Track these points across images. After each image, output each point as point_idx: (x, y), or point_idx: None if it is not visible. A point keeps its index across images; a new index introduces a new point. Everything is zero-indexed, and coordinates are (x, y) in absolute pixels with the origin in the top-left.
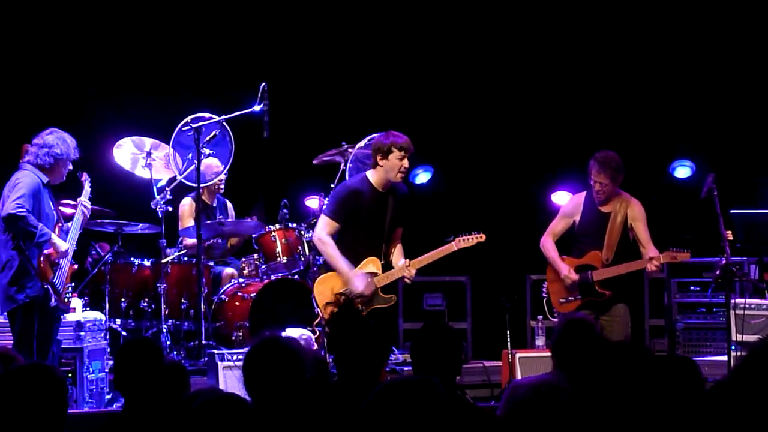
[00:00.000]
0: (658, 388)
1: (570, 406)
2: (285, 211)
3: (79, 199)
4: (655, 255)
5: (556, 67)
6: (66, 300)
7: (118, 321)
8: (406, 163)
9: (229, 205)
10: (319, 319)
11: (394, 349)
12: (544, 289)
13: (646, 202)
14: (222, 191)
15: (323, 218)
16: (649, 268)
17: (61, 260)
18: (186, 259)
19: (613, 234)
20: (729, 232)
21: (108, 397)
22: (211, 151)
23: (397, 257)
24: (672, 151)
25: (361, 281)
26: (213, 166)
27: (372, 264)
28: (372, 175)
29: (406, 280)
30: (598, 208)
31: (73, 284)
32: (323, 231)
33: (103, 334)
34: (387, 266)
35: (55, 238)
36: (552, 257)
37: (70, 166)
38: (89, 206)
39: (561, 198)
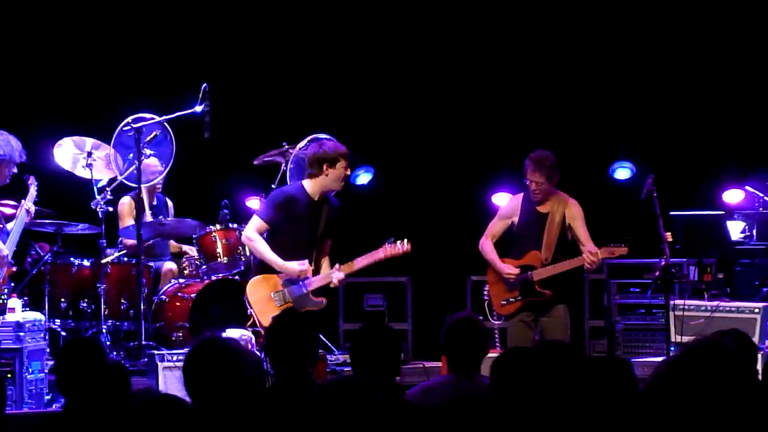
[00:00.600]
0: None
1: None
2: (226, 211)
3: (23, 202)
4: (592, 250)
5: (497, 67)
6: (1, 301)
7: (58, 321)
8: (349, 171)
9: (170, 203)
10: (252, 320)
11: (334, 349)
12: (485, 292)
13: (586, 203)
14: (160, 190)
15: (254, 218)
16: (586, 264)
17: None
18: (126, 259)
19: (552, 234)
20: (668, 233)
21: (47, 397)
22: (152, 152)
23: (326, 268)
24: (612, 153)
25: (296, 265)
26: (152, 166)
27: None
28: (309, 184)
29: (332, 284)
30: (536, 209)
31: (12, 284)
32: (251, 229)
33: (42, 335)
34: (316, 274)
35: None
36: (491, 258)
37: (15, 169)
38: (33, 210)
39: (501, 199)
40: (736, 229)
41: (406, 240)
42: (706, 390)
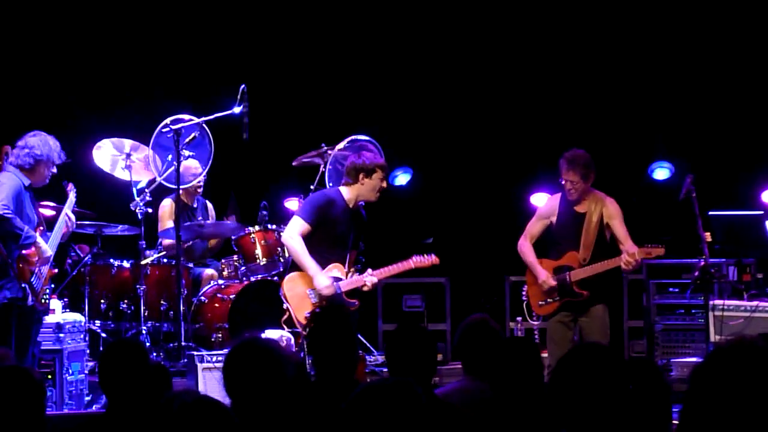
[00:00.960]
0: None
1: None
2: (264, 212)
3: (63, 209)
4: (630, 251)
5: (537, 68)
6: (44, 301)
7: (98, 322)
8: (385, 183)
9: (210, 206)
10: (287, 315)
11: (373, 350)
12: (523, 292)
13: (626, 203)
14: (201, 192)
15: (296, 219)
16: (624, 264)
17: (42, 266)
18: (165, 260)
19: (590, 233)
20: (708, 233)
21: (87, 398)
22: (191, 153)
23: (355, 274)
24: (651, 153)
25: (326, 280)
26: (192, 167)
27: (337, 269)
28: (346, 191)
29: (366, 287)
30: (573, 209)
31: (52, 286)
32: (294, 230)
33: (82, 336)
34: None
35: (40, 241)
36: (530, 261)
37: (54, 170)
38: (74, 219)
39: (540, 199)
40: None
41: (433, 254)
42: (739, 390)
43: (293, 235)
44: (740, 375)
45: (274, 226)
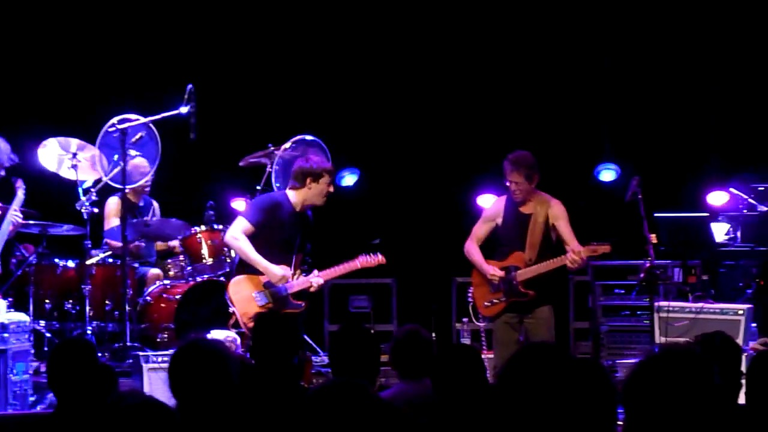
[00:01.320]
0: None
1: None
2: (211, 212)
3: (11, 207)
4: (576, 249)
5: (484, 69)
6: None
7: (43, 323)
8: (332, 188)
9: (155, 204)
10: (233, 319)
11: (319, 350)
12: (469, 294)
13: (572, 205)
14: (148, 192)
15: (240, 219)
16: (569, 263)
17: None
18: (111, 260)
19: (535, 234)
20: (653, 235)
21: (32, 399)
22: (138, 153)
23: (299, 277)
24: (597, 155)
25: (279, 269)
26: (139, 167)
27: (284, 270)
28: (293, 195)
29: (312, 288)
30: (518, 210)
31: None
32: (237, 230)
33: (27, 336)
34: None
35: None
36: (476, 261)
37: (2, 172)
38: (21, 218)
39: (486, 201)
40: (720, 231)
41: (379, 253)
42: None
43: (236, 234)
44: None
45: (220, 226)
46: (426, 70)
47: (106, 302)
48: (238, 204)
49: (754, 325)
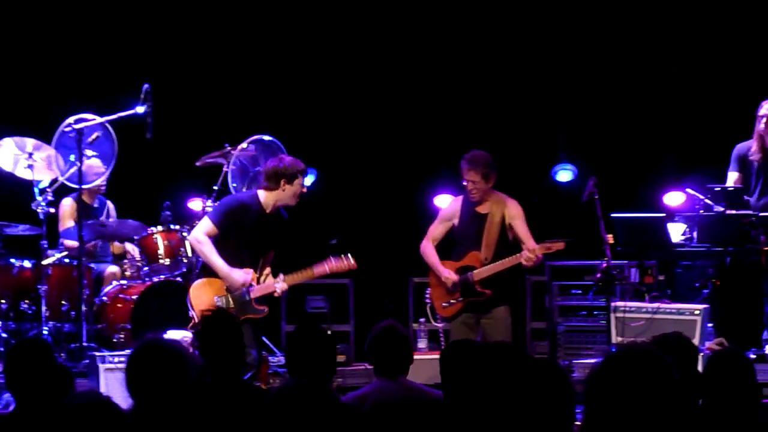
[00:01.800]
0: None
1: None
2: (167, 212)
3: None
4: (531, 247)
5: (437, 68)
6: None
7: None
8: (305, 189)
9: (111, 205)
10: (193, 322)
11: (276, 351)
12: (427, 294)
13: (529, 205)
14: (104, 192)
15: (205, 220)
16: (524, 260)
17: None
18: (67, 260)
19: (491, 233)
20: (610, 235)
21: None
22: (94, 153)
23: (268, 278)
24: (554, 155)
25: (240, 275)
26: (95, 167)
27: (244, 277)
28: (264, 196)
29: (276, 293)
30: (475, 210)
31: None
32: (201, 231)
33: None
34: (258, 282)
35: None
36: (432, 262)
37: None
38: None
39: (443, 201)
40: (676, 232)
41: (350, 255)
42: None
43: (199, 236)
44: (632, 379)
45: (177, 227)
46: (381, 71)
47: (63, 302)
48: (195, 204)
49: (710, 325)
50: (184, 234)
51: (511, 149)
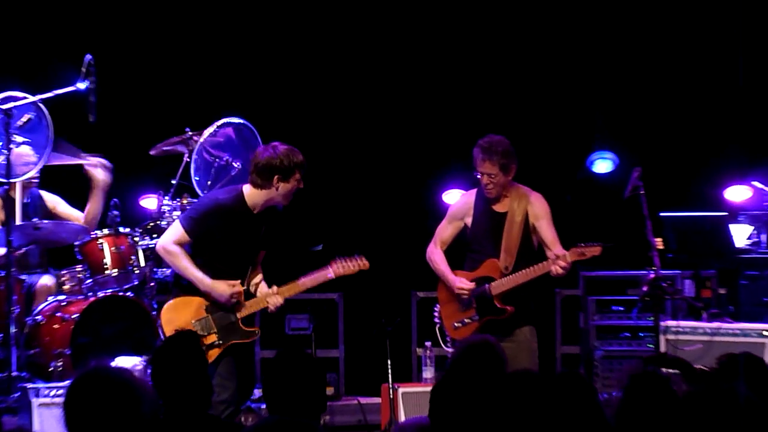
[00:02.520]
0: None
1: None
2: (115, 212)
3: None
4: (559, 253)
5: (449, 39)
6: None
7: None
8: (302, 185)
9: (49, 199)
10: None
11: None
12: (435, 313)
13: (557, 202)
14: (36, 185)
15: (176, 226)
16: (553, 270)
17: None
18: None
19: (512, 237)
20: (659, 239)
21: None
22: (25, 139)
23: (260, 286)
24: (589, 141)
25: (226, 287)
26: (24, 156)
27: (233, 287)
28: (251, 194)
29: (270, 308)
30: (491, 208)
31: None
32: (170, 240)
33: None
34: (248, 294)
35: None
36: (441, 270)
37: None
38: None
39: (453, 197)
40: (741, 234)
41: (360, 255)
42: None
43: (167, 244)
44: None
45: (127, 230)
46: (379, 40)
47: None
48: (149, 202)
49: None
50: (136, 239)
51: (536, 134)
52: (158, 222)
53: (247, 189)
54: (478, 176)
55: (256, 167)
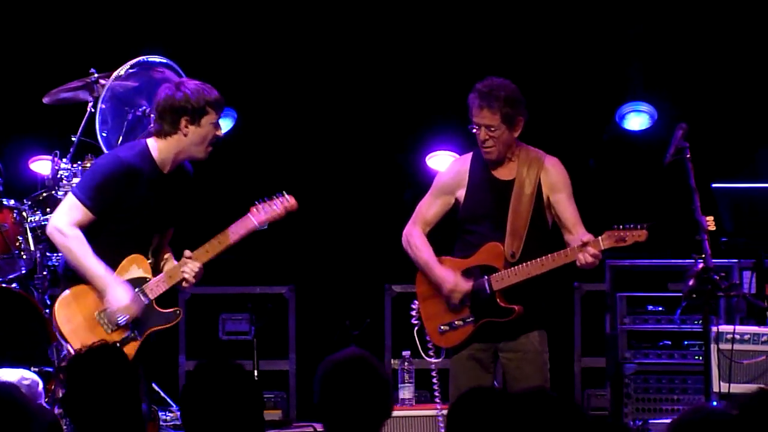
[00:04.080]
0: None
1: None
2: None
3: None
4: (588, 238)
5: None
6: None
7: None
8: (220, 131)
9: None
10: (68, 359)
11: (172, 402)
12: (414, 311)
13: (580, 168)
14: None
15: (72, 201)
16: (580, 260)
17: None
18: None
19: (521, 213)
20: (710, 218)
21: None
22: None
23: (169, 263)
24: (621, 90)
25: (124, 293)
26: None
27: (136, 264)
28: (158, 147)
29: (186, 282)
30: (492, 174)
31: None
32: (66, 219)
33: None
34: (156, 271)
35: None
36: (424, 259)
37: None
38: None
39: (443, 163)
40: None
41: (285, 193)
42: None
43: (62, 224)
44: None
45: (12, 202)
46: None
47: None
48: (41, 166)
49: None
50: (25, 214)
51: (552, 80)
52: (53, 192)
53: (152, 142)
54: (474, 130)
55: (159, 110)
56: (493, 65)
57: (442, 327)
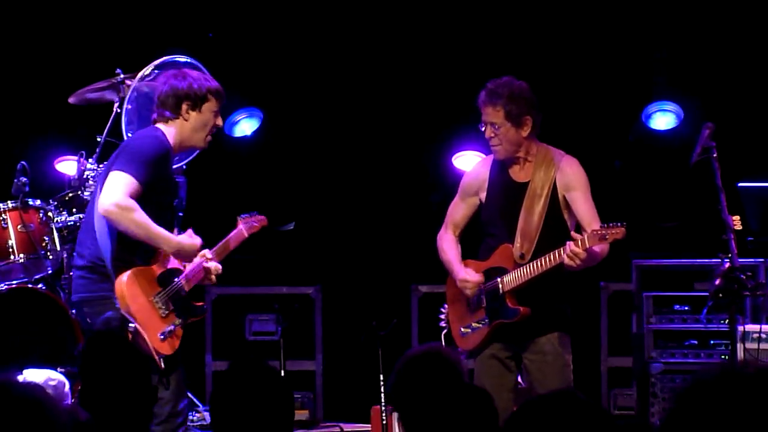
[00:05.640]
0: None
1: None
2: (23, 179)
3: None
4: (576, 236)
5: None
6: None
7: None
8: (220, 120)
9: None
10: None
11: (199, 404)
12: (443, 314)
13: (602, 168)
14: None
15: (121, 177)
16: (566, 257)
17: None
18: None
19: (532, 215)
20: (736, 217)
21: None
22: None
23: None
24: (646, 89)
25: (189, 240)
26: None
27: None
28: (169, 133)
29: (212, 277)
30: (509, 177)
31: None
32: (121, 193)
33: None
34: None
35: None
36: (447, 259)
37: None
38: None
39: (468, 162)
40: None
41: (257, 213)
42: None
43: (121, 199)
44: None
45: (38, 202)
46: None
47: None
48: (67, 166)
49: None
50: (51, 214)
51: (575, 79)
52: (79, 192)
53: (165, 128)
54: (482, 128)
55: (162, 98)
56: (518, 66)
57: (462, 329)
